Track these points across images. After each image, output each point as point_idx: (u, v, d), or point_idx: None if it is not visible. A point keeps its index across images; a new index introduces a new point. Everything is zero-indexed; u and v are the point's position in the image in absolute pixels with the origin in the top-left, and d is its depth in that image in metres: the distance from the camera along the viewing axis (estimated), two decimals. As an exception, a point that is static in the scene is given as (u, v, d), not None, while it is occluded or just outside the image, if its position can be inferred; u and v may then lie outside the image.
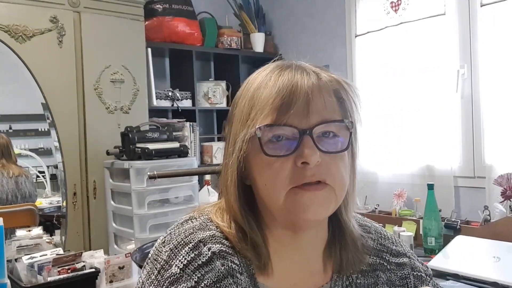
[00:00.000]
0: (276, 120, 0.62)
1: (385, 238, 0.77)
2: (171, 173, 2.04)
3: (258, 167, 0.65)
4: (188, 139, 3.14)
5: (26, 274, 1.55)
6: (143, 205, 2.30)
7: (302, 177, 0.62)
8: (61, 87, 2.50)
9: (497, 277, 1.52)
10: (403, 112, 2.63)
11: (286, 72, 0.65)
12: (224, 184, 0.69)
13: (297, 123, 0.62)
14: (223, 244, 0.66)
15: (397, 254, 0.76)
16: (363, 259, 0.72)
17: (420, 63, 2.55)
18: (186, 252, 0.65)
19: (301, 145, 0.62)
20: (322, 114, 0.63)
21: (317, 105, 0.63)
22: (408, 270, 0.75)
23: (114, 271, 1.59)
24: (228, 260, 0.65)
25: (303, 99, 0.62)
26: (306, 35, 3.33)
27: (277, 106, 0.63)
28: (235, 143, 0.66)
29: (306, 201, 0.62)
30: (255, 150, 0.64)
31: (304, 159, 0.61)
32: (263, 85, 0.65)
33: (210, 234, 0.67)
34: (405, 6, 2.63)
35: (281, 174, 0.62)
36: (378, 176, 2.72)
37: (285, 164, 0.62)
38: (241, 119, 0.66)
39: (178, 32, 3.09)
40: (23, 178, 2.72)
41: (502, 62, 2.24)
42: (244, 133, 0.64)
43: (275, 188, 0.63)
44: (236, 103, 0.69)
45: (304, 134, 0.62)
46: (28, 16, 2.41)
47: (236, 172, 0.66)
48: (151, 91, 2.96)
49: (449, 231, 2.03)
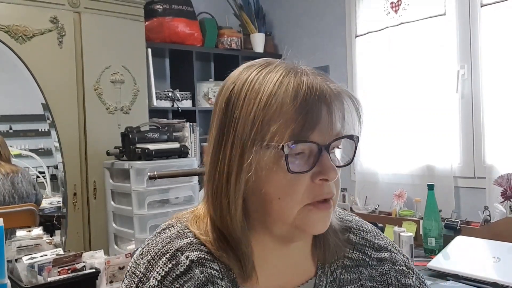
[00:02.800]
0: (301, 136, 0.60)
1: (366, 232, 0.77)
2: (171, 173, 2.04)
3: (273, 181, 0.61)
4: (188, 140, 3.14)
5: (26, 275, 1.55)
6: (143, 205, 2.30)
7: (320, 194, 0.62)
8: (61, 88, 2.51)
9: (497, 277, 1.52)
10: (403, 112, 2.63)
11: (304, 78, 0.62)
12: (219, 193, 0.64)
13: (319, 139, 0.61)
14: (201, 251, 0.64)
15: (379, 248, 0.76)
16: (344, 248, 0.73)
17: (420, 64, 2.55)
18: (164, 263, 0.63)
19: (320, 161, 0.61)
20: (337, 129, 0.62)
21: (335, 119, 0.62)
22: (388, 265, 0.75)
23: (114, 271, 1.59)
24: (207, 266, 0.63)
25: (327, 113, 0.61)
26: (306, 36, 3.33)
27: (303, 121, 0.59)
28: (243, 153, 0.61)
29: (317, 218, 0.63)
30: (272, 163, 0.61)
31: (325, 176, 0.61)
32: (280, 93, 0.60)
33: (187, 241, 0.65)
34: (405, 6, 2.63)
35: (298, 190, 0.61)
36: (378, 176, 2.72)
37: (302, 180, 0.61)
38: (251, 127, 0.61)
39: (178, 32, 3.09)
40: (19, 178, 2.69)
41: (502, 62, 2.24)
42: (258, 145, 0.60)
43: (289, 203, 0.61)
44: (238, 105, 0.63)
45: (323, 150, 0.61)
46: (28, 16, 2.42)
47: (245, 183, 0.62)
48: (151, 91, 2.96)
49: (449, 232, 2.02)
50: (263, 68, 0.65)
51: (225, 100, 0.65)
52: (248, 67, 0.67)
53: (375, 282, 0.73)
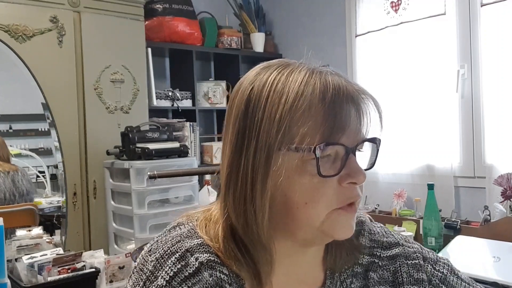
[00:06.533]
0: (331, 138, 0.58)
1: (375, 233, 0.74)
2: (171, 173, 2.04)
3: (300, 185, 0.59)
4: (188, 139, 3.14)
5: (26, 274, 1.54)
6: (143, 205, 2.30)
7: (349, 197, 0.60)
8: (61, 87, 2.50)
9: (497, 277, 1.52)
10: (403, 112, 2.63)
11: (328, 79, 0.60)
12: (240, 199, 0.61)
13: (347, 141, 0.59)
14: (211, 253, 0.63)
15: (389, 246, 0.73)
16: (357, 255, 0.70)
17: (420, 63, 2.55)
18: (173, 263, 0.61)
19: (347, 163, 0.59)
20: (363, 131, 0.61)
21: (361, 122, 0.61)
22: (401, 260, 0.72)
23: (114, 271, 1.59)
24: (217, 270, 0.62)
25: (355, 114, 0.59)
26: (306, 35, 3.33)
27: (333, 123, 0.58)
28: (269, 157, 0.58)
29: (345, 222, 0.61)
30: (299, 167, 0.59)
31: (353, 179, 0.59)
32: (307, 94, 0.58)
33: (198, 242, 0.63)
34: (405, 6, 2.63)
35: (327, 194, 0.59)
36: (378, 176, 2.71)
37: (330, 184, 0.59)
38: (277, 129, 0.58)
39: (178, 32, 3.09)
40: (19, 176, 2.70)
41: (503, 62, 2.24)
42: (286, 148, 0.58)
43: (316, 208, 0.59)
44: (260, 106, 0.60)
45: (350, 153, 0.59)
46: (28, 16, 2.41)
47: (272, 188, 0.60)
48: (151, 91, 2.96)
49: (449, 231, 2.02)
50: (283, 68, 0.62)
51: (244, 102, 0.62)
52: (265, 67, 0.64)
53: (386, 284, 0.70)
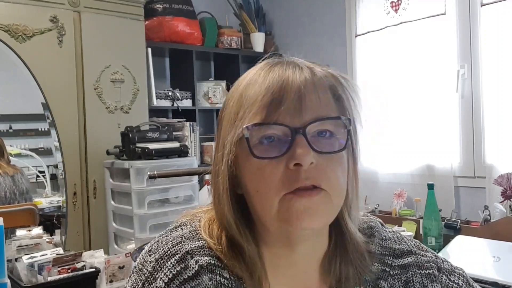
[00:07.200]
0: (265, 118, 0.57)
1: (386, 239, 0.70)
2: (171, 173, 2.04)
3: (249, 172, 0.59)
4: (188, 139, 3.14)
5: (26, 274, 1.54)
6: (143, 205, 2.30)
7: (295, 181, 0.56)
8: (61, 87, 2.50)
9: (497, 277, 1.52)
10: (403, 111, 2.63)
11: (277, 68, 0.60)
12: (215, 193, 0.63)
13: (288, 121, 0.57)
14: (212, 256, 0.62)
15: (401, 254, 0.69)
16: (367, 272, 0.66)
17: (420, 63, 2.55)
18: (172, 265, 0.61)
19: (293, 145, 0.56)
20: (317, 111, 0.58)
21: (311, 102, 0.58)
22: (413, 270, 0.68)
23: (114, 271, 1.59)
24: (217, 274, 0.61)
25: (295, 95, 0.57)
26: (306, 35, 3.32)
27: (266, 103, 0.57)
28: (224, 147, 0.60)
29: (300, 208, 0.56)
30: (245, 153, 0.58)
31: (296, 160, 0.55)
32: (252, 83, 0.60)
33: (199, 244, 0.63)
34: (405, 5, 2.63)
35: (273, 178, 0.57)
36: (378, 176, 2.71)
37: (277, 168, 0.57)
38: (229, 120, 0.61)
39: (178, 31, 3.09)
40: (19, 176, 2.71)
41: (503, 62, 2.24)
42: (232, 134, 0.59)
43: (267, 195, 0.57)
44: (226, 104, 0.64)
45: (297, 134, 0.56)
46: (28, 15, 2.41)
47: (228, 178, 0.60)
48: (151, 91, 2.96)
49: (449, 231, 2.02)
50: (254, 67, 0.65)
51: (223, 103, 0.67)
52: (255, 67, 0.66)
53: None
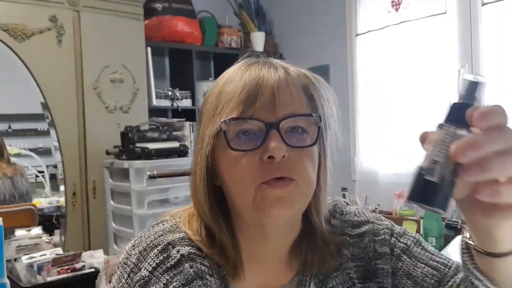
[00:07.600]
0: (242, 113, 0.61)
1: (347, 214, 0.75)
2: (171, 172, 2.04)
3: (226, 164, 0.63)
4: (188, 139, 3.13)
5: (25, 274, 1.54)
6: (143, 205, 2.29)
7: (269, 172, 0.60)
8: (61, 87, 2.50)
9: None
10: (404, 111, 2.63)
11: (253, 67, 0.65)
12: (193, 184, 0.67)
13: (263, 116, 0.61)
14: (193, 247, 0.66)
15: (359, 224, 0.74)
16: (331, 260, 0.69)
17: (421, 62, 2.54)
18: (155, 255, 0.65)
19: (267, 139, 0.61)
20: (290, 108, 0.62)
21: (284, 99, 0.62)
22: (370, 237, 0.72)
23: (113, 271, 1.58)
24: (197, 262, 0.65)
25: (269, 92, 0.62)
26: (307, 34, 3.32)
27: (242, 99, 0.62)
28: (203, 140, 0.64)
29: (273, 197, 0.61)
30: (223, 146, 0.63)
31: (270, 153, 0.60)
32: (230, 80, 0.65)
33: (179, 236, 0.67)
34: (406, 5, 2.62)
35: (248, 169, 0.61)
36: (379, 176, 2.71)
37: (252, 159, 0.61)
38: (209, 115, 0.65)
39: (178, 31, 3.09)
40: (18, 177, 2.70)
41: (503, 61, 2.24)
42: (211, 128, 0.63)
43: (244, 184, 0.61)
44: (206, 100, 0.68)
45: (271, 128, 0.61)
46: (27, 15, 2.41)
47: (205, 169, 0.64)
48: (151, 90, 2.96)
49: (450, 231, 2.02)
50: (233, 66, 0.70)
51: (202, 101, 0.71)
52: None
53: (358, 261, 0.71)
